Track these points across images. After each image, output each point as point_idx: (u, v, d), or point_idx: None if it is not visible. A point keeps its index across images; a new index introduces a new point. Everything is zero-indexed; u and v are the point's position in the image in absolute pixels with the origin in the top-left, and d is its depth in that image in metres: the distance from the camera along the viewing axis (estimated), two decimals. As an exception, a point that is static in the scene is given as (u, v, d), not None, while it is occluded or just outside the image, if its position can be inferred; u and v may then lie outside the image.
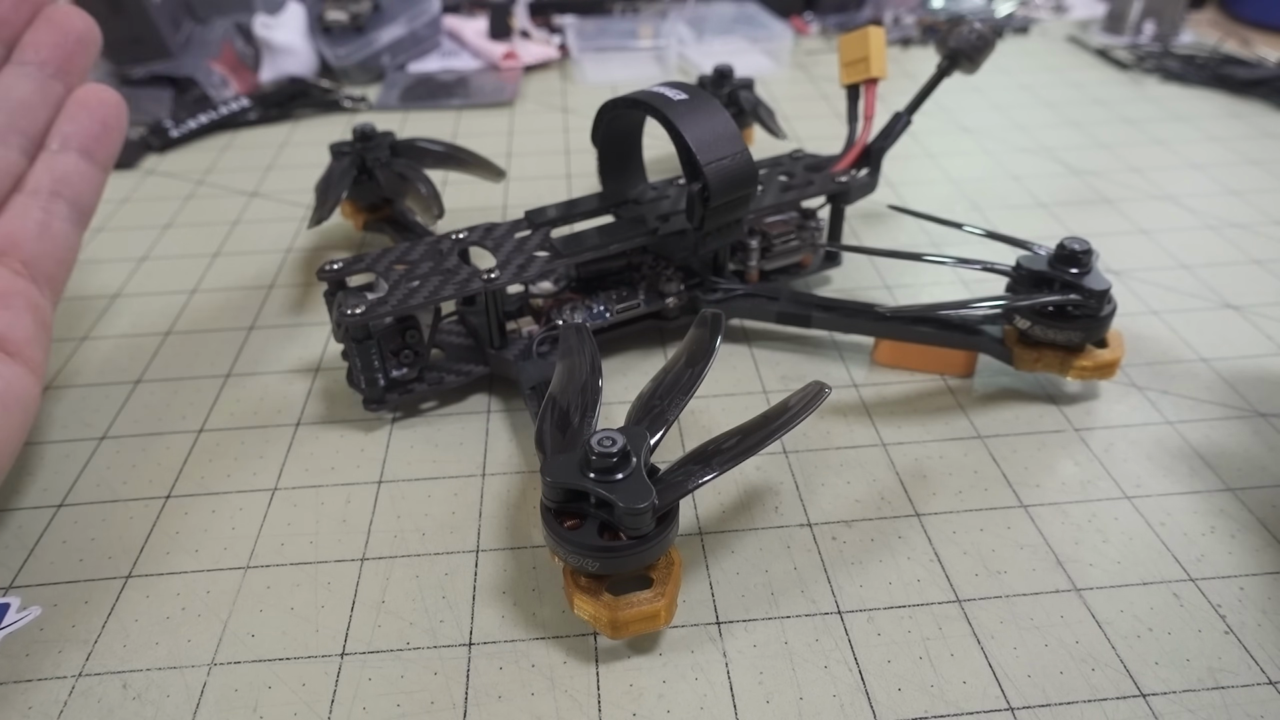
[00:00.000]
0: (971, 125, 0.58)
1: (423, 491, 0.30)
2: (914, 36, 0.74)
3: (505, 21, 0.69)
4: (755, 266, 0.38)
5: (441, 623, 0.25)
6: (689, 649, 0.24)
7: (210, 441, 0.32)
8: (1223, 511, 0.29)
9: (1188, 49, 0.69)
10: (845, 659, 0.24)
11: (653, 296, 0.36)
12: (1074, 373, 0.32)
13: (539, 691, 0.23)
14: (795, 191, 0.37)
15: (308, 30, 0.64)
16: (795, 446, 0.31)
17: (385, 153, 0.41)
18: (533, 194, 0.49)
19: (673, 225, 0.35)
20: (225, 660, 0.24)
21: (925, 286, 0.41)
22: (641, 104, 0.32)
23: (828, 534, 0.28)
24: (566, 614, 0.25)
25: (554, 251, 0.33)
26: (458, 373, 0.33)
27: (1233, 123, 0.58)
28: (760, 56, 0.70)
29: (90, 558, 0.27)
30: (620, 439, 0.23)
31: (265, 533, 0.28)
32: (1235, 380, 0.34)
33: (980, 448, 0.31)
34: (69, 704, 0.23)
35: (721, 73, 0.48)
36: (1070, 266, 0.31)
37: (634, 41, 0.70)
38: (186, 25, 0.64)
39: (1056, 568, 0.27)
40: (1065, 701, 0.23)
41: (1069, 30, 0.77)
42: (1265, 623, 0.25)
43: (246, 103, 0.59)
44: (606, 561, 0.23)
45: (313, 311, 0.40)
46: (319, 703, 0.23)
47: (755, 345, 0.37)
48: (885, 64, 0.39)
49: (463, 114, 0.61)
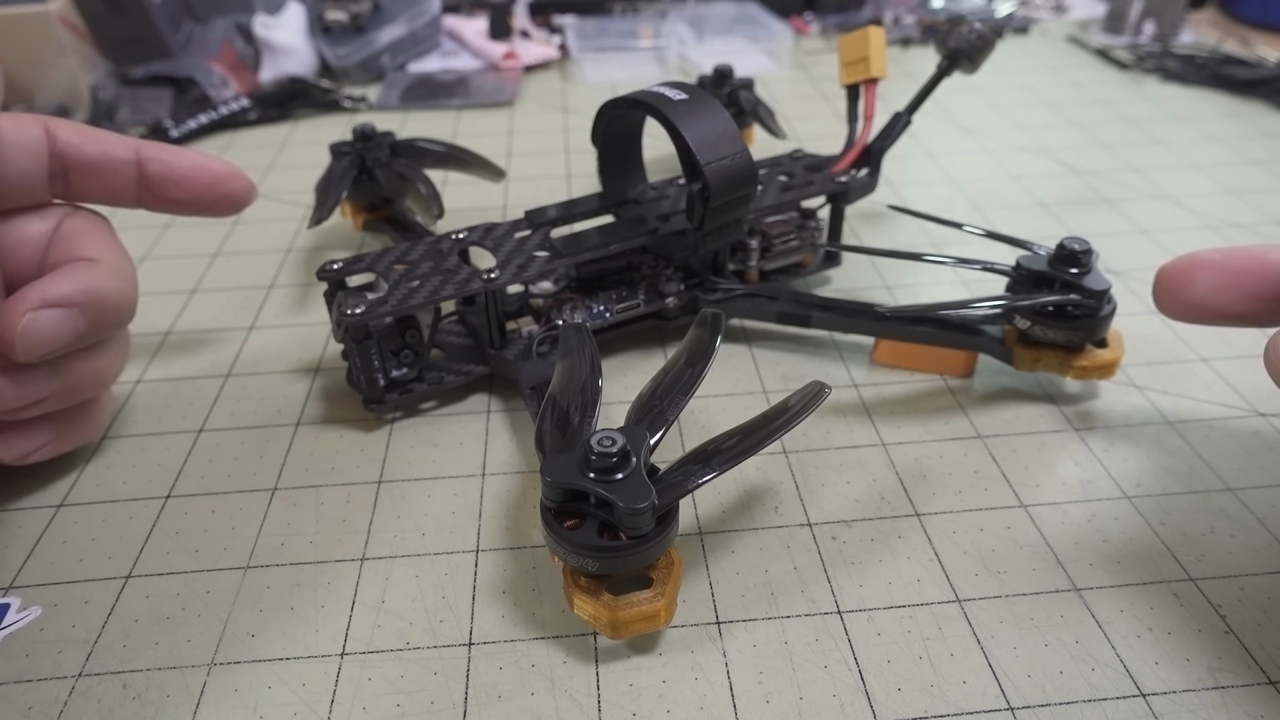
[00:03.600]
0: (971, 125, 0.58)
1: (423, 491, 0.30)
2: (914, 36, 0.74)
3: (505, 21, 0.69)
4: (755, 266, 0.38)
5: (441, 623, 0.25)
6: (689, 649, 0.24)
7: (210, 441, 0.32)
8: (1223, 511, 0.29)
9: (1188, 49, 0.69)
10: (845, 659, 0.24)
11: (653, 296, 0.36)
12: (1074, 373, 0.32)
13: (539, 691, 0.23)
14: (795, 191, 0.37)
15: (308, 30, 0.64)
16: (795, 446, 0.31)
17: (385, 153, 0.41)
18: (533, 194, 0.49)
19: (673, 225, 0.35)
20: (225, 660, 0.24)
21: (925, 286, 0.41)
22: (641, 104, 0.32)
23: (828, 534, 0.28)
24: (566, 614, 0.25)
25: (554, 251, 0.33)
26: (458, 373, 0.33)
27: (1233, 123, 0.58)
28: (760, 56, 0.70)
29: (90, 558, 0.27)
30: (620, 439, 0.23)
31: (265, 533, 0.28)
32: (1235, 380, 0.34)
33: (980, 448, 0.31)
34: (69, 704, 0.23)
35: (721, 73, 0.48)
36: (1070, 266, 0.31)
37: (634, 41, 0.70)
38: (186, 25, 0.64)
39: (1056, 568, 0.27)
40: (1065, 701, 0.23)
41: (1069, 30, 0.77)
42: (1265, 623, 0.25)
43: (246, 103, 0.59)
44: (606, 561, 0.22)
45: (313, 311, 0.40)
46: (319, 703, 0.23)
47: (755, 345, 0.37)
48: (885, 64, 0.39)
49: (463, 114, 0.61)
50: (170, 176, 0.29)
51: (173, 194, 0.30)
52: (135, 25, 0.59)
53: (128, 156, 0.29)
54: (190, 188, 0.30)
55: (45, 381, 0.27)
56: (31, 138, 0.27)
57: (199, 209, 0.31)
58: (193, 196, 0.30)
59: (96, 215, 0.30)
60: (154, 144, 0.30)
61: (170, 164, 0.29)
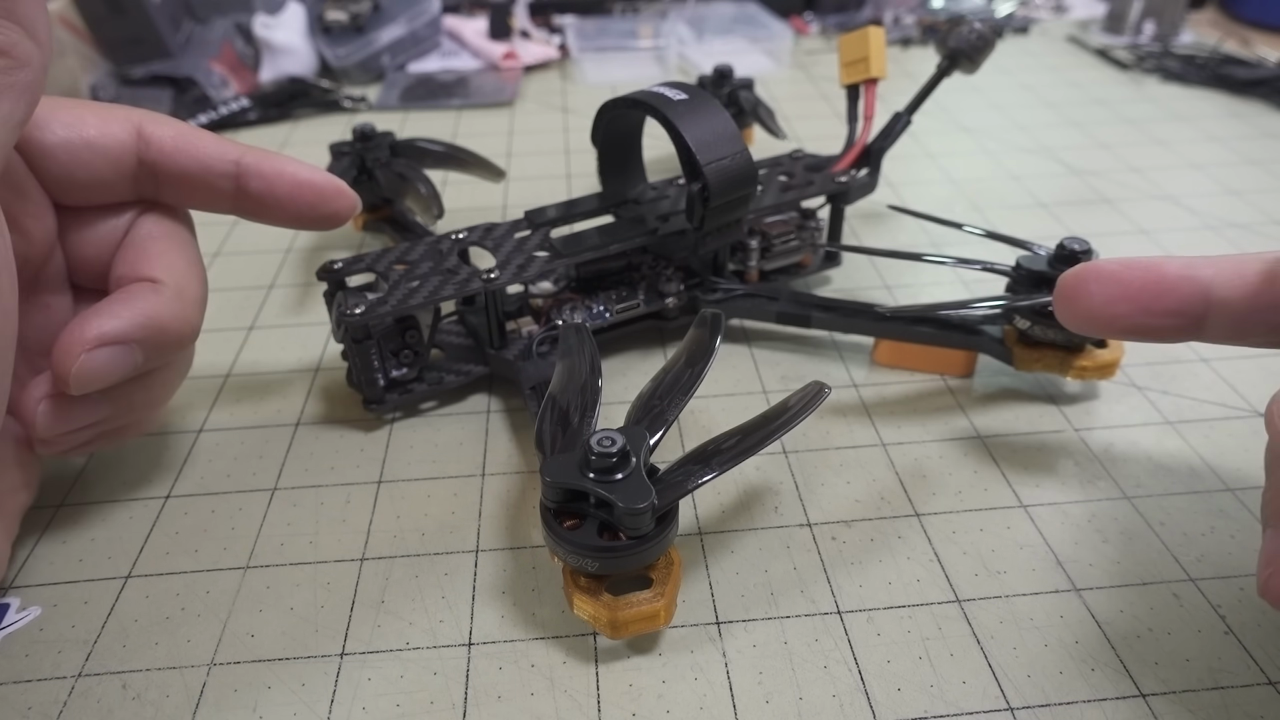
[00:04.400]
0: (971, 125, 0.58)
1: (422, 491, 0.30)
2: (914, 36, 0.74)
3: (505, 21, 0.69)
4: (755, 266, 0.38)
5: (441, 623, 0.25)
6: (689, 649, 0.24)
7: (210, 441, 0.32)
8: (1223, 511, 0.28)
9: (1188, 49, 0.69)
10: (845, 659, 0.24)
11: (652, 296, 0.36)
12: (1074, 373, 0.32)
13: (539, 691, 0.23)
14: (795, 191, 0.37)
15: (308, 30, 0.64)
16: (795, 446, 0.31)
17: (385, 153, 0.41)
18: (533, 194, 0.49)
19: (673, 225, 0.35)
20: (225, 660, 0.24)
21: (925, 286, 0.41)
22: (641, 104, 0.32)
23: (827, 534, 0.28)
24: (566, 614, 0.25)
25: (554, 251, 0.33)
26: (458, 373, 0.33)
27: (1233, 123, 0.58)
28: (760, 56, 0.70)
29: (90, 558, 0.27)
30: (620, 439, 0.23)
31: (265, 533, 0.28)
32: (1235, 380, 0.34)
33: (980, 448, 0.31)
34: (69, 704, 0.23)
35: (721, 73, 0.48)
36: (1070, 266, 0.31)
37: (634, 41, 0.70)
38: (186, 25, 0.64)
39: (1056, 568, 0.27)
40: (1065, 701, 0.23)
41: (1069, 30, 0.77)
42: (1265, 623, 0.25)
43: (246, 103, 0.59)
44: (606, 561, 0.22)
45: (313, 311, 0.40)
46: (318, 703, 0.23)
47: (755, 345, 0.37)
48: (885, 64, 0.39)
49: (463, 114, 0.61)
50: (271, 193, 0.27)
51: (271, 211, 0.27)
52: (135, 25, 0.59)
53: (226, 170, 0.26)
54: (291, 207, 0.27)
55: (94, 408, 0.26)
56: (116, 143, 0.25)
57: (297, 225, 0.28)
58: (293, 215, 0.28)
59: (175, 219, 0.28)
60: (256, 154, 0.27)
61: (271, 179, 0.27)
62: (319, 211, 0.28)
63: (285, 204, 0.27)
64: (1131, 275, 0.23)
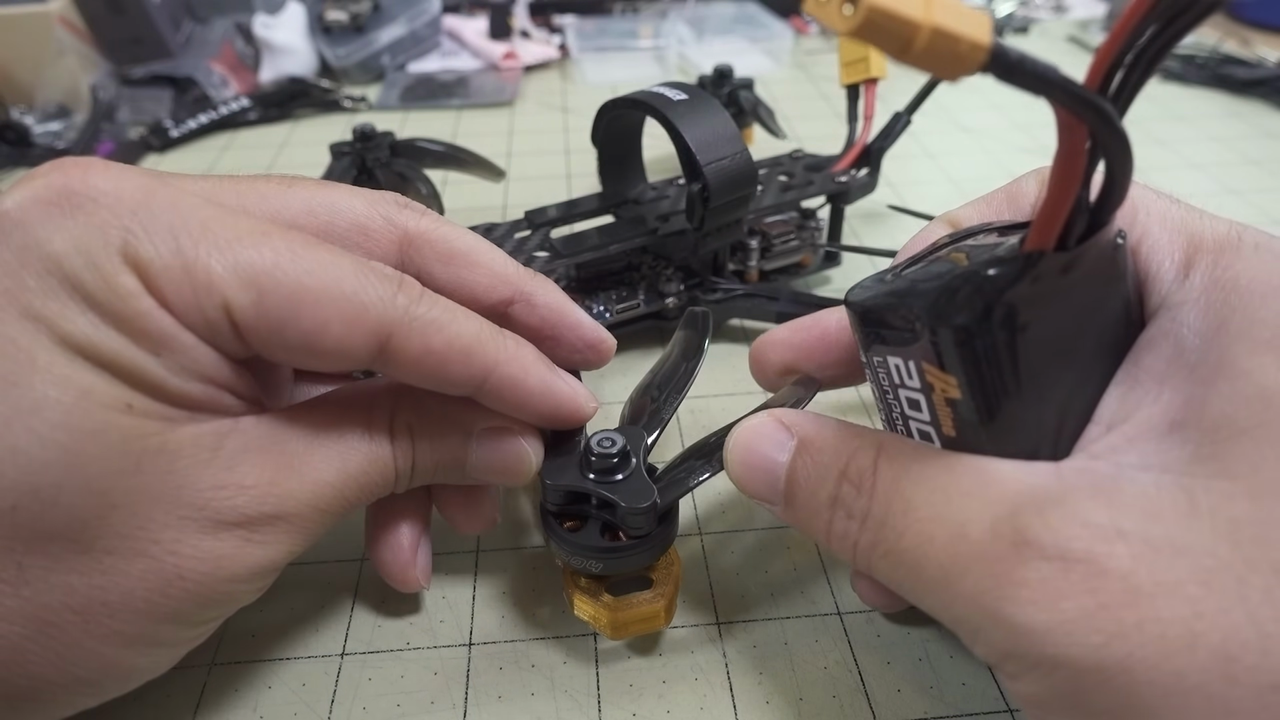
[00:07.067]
0: (971, 125, 0.58)
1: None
2: (914, 36, 0.74)
3: (505, 21, 0.69)
4: (755, 266, 0.38)
5: (441, 623, 0.25)
6: (689, 649, 0.24)
7: (210, 441, 0.32)
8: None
9: (1188, 49, 0.69)
10: (845, 659, 0.24)
11: (652, 296, 0.36)
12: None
13: (539, 691, 0.23)
14: (795, 191, 0.37)
15: (308, 30, 0.64)
16: (795, 447, 0.31)
17: (385, 153, 0.41)
18: (533, 194, 0.49)
19: (673, 225, 0.35)
20: (225, 660, 0.24)
21: (925, 286, 0.41)
22: (641, 104, 0.32)
23: (828, 534, 0.28)
24: (566, 614, 0.25)
25: (554, 251, 0.33)
26: (458, 373, 0.33)
27: (1233, 123, 0.58)
28: (760, 56, 0.70)
29: (90, 558, 0.27)
30: (620, 439, 0.23)
31: (265, 533, 0.28)
32: (1235, 380, 0.34)
33: (980, 448, 0.31)
34: (69, 704, 0.23)
35: (721, 73, 0.48)
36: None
37: (634, 41, 0.70)
38: (186, 25, 0.64)
39: (1056, 568, 0.27)
40: (1065, 702, 0.23)
41: (1069, 30, 0.76)
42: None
43: (246, 103, 0.59)
44: (610, 562, 0.23)
45: (313, 311, 0.39)
46: (319, 703, 0.23)
47: (755, 345, 0.37)
48: (885, 64, 0.39)
49: (463, 114, 0.61)
50: (516, 399, 0.22)
51: (510, 411, 0.23)
52: (135, 25, 0.59)
53: (473, 375, 0.21)
54: (531, 411, 0.23)
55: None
56: (353, 361, 0.20)
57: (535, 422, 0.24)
58: (534, 419, 0.23)
59: None
60: (512, 352, 0.22)
61: (521, 385, 0.22)
62: (558, 418, 0.23)
63: (525, 408, 0.23)
64: (799, 338, 0.25)
